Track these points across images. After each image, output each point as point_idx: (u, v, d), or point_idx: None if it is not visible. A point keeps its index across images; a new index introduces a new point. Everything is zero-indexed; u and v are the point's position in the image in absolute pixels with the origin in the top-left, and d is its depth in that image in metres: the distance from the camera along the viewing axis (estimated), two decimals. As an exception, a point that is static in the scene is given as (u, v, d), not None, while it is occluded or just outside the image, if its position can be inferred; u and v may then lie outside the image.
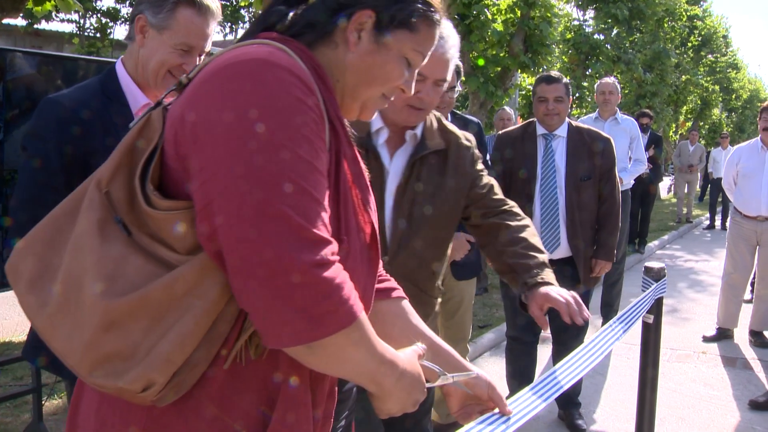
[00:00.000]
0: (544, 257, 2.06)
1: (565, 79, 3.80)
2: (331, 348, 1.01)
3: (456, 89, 3.42)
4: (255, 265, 0.95)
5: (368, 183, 1.25)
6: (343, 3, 1.18)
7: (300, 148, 1.00)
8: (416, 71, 1.29)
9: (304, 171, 1.00)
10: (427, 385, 1.27)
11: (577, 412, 3.99)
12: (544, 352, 4.45)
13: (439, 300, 2.34)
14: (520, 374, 3.92)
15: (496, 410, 1.41)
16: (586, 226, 3.71)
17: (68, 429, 1.20)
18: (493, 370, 4.70)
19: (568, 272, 3.68)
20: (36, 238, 1.12)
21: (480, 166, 2.27)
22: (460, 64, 3.38)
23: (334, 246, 1.01)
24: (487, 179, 2.27)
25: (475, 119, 3.86)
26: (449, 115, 3.60)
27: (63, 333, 1.03)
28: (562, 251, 3.70)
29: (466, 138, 2.29)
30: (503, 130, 4.05)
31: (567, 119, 3.79)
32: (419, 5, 1.21)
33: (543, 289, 1.91)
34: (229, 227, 0.96)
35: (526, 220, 2.19)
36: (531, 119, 3.90)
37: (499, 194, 2.25)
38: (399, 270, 2.04)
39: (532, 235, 2.13)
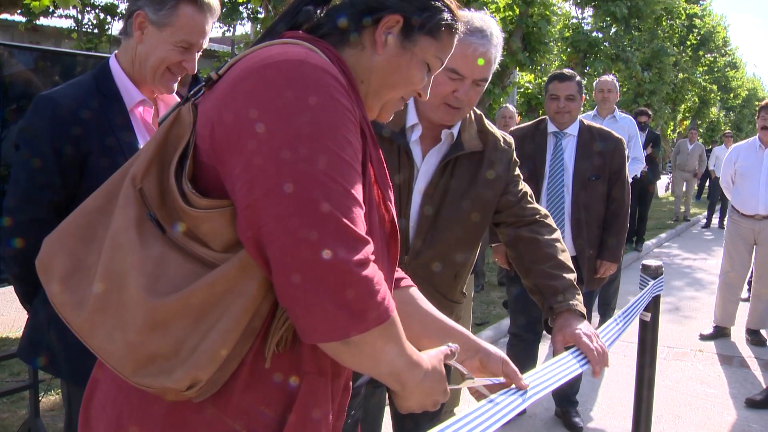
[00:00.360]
0: (572, 277, 1.99)
1: (578, 78, 3.79)
2: (366, 344, 1.04)
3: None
4: (302, 263, 0.97)
5: (389, 181, 1.26)
6: (373, 6, 1.21)
7: (341, 149, 1.03)
8: (433, 75, 1.33)
9: (345, 171, 1.02)
10: (451, 387, 1.28)
11: (574, 410, 3.99)
12: (543, 350, 4.45)
13: (461, 305, 2.27)
14: (520, 371, 3.93)
15: (513, 386, 1.42)
16: (592, 226, 3.70)
17: (81, 422, 1.21)
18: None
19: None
20: (67, 233, 1.12)
21: (516, 171, 2.20)
22: None
23: (372, 245, 1.03)
24: (522, 186, 2.19)
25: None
26: None
27: (104, 332, 1.03)
28: (568, 250, 3.69)
29: (506, 141, 2.20)
30: (514, 128, 4.04)
31: (579, 118, 3.79)
32: (445, 14, 1.25)
33: (576, 330, 1.80)
34: (275, 226, 0.98)
35: (557, 233, 2.12)
36: (543, 117, 3.91)
37: (532, 203, 2.18)
38: (419, 271, 2.01)
39: (561, 251, 2.06)
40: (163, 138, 1.11)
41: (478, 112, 2.22)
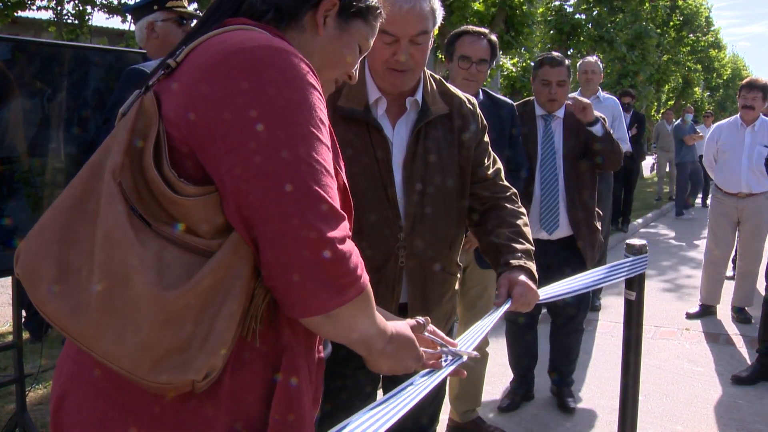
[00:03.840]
0: (531, 248, 2.04)
1: (567, 61, 3.80)
2: (345, 315, 1.10)
3: (487, 63, 3.22)
4: (294, 241, 1.01)
5: (340, 155, 1.28)
6: None
7: (318, 130, 1.08)
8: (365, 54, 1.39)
9: (323, 152, 1.07)
10: (427, 351, 1.41)
11: (568, 390, 4.04)
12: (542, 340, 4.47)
13: (458, 276, 2.27)
14: (525, 356, 4.02)
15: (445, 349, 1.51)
16: (586, 204, 3.74)
17: (52, 428, 1.17)
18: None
19: (570, 253, 3.73)
20: (48, 236, 1.08)
21: (486, 138, 2.21)
22: (496, 40, 3.27)
23: (347, 220, 1.09)
24: (494, 160, 2.23)
25: (508, 101, 3.57)
26: (480, 92, 3.36)
27: (111, 335, 1.00)
28: (563, 231, 3.74)
29: (470, 101, 2.20)
30: None
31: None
32: None
33: (523, 278, 1.91)
34: (265, 206, 1.01)
35: (523, 209, 2.17)
36: (528, 98, 3.93)
37: (504, 181, 2.22)
38: (416, 246, 2.05)
39: (524, 224, 2.11)
40: (131, 130, 1.09)
41: (437, 76, 2.20)
